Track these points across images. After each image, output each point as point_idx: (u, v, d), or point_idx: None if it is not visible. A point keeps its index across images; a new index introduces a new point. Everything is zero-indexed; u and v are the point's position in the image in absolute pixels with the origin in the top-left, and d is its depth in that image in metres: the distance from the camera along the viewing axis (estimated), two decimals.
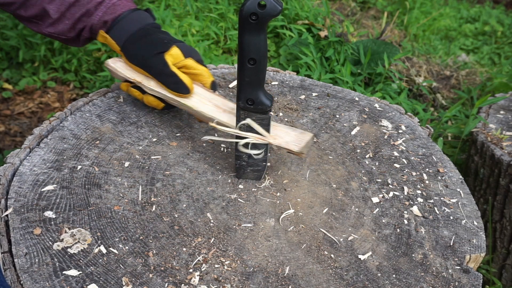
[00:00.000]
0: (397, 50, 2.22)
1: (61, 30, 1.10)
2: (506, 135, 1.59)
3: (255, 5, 0.82)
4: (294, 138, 0.97)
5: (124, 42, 1.07)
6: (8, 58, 2.37)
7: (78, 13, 1.07)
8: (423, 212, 1.00)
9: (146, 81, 1.07)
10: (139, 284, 0.78)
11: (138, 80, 1.07)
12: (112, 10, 1.07)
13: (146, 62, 1.05)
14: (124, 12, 1.08)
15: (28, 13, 1.08)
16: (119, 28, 1.07)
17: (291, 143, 0.97)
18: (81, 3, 1.07)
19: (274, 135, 0.98)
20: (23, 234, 0.83)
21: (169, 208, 0.93)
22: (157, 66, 1.04)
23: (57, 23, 1.09)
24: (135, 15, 1.09)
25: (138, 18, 1.09)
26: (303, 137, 0.98)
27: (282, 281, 0.82)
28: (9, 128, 2.11)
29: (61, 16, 1.08)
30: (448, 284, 0.86)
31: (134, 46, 1.06)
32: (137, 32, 1.06)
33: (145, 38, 1.06)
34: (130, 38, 1.06)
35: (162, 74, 1.04)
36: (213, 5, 2.29)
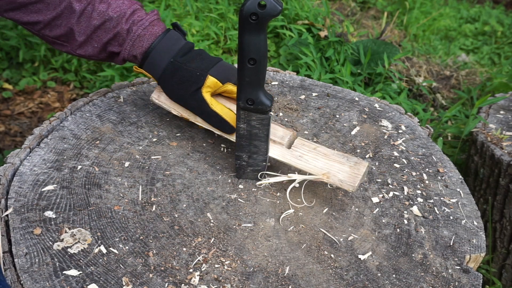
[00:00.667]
0: (397, 50, 2.22)
1: (91, 53, 1.05)
2: (506, 135, 1.59)
3: (255, 5, 0.82)
4: (348, 175, 0.94)
5: (160, 76, 1.02)
6: (8, 58, 2.37)
7: (105, 38, 1.02)
8: (423, 212, 1.00)
9: (193, 117, 1.04)
10: (139, 284, 0.78)
11: (185, 116, 1.05)
12: (139, 42, 1.02)
13: (185, 102, 1.02)
14: (151, 44, 1.01)
15: (53, 33, 1.03)
16: (150, 62, 1.02)
17: (345, 182, 0.93)
18: (107, 26, 1.01)
19: (327, 172, 0.94)
20: (23, 234, 0.83)
21: (169, 208, 0.93)
22: (197, 107, 1.01)
23: (85, 46, 1.04)
24: (164, 44, 1.02)
25: (167, 47, 1.02)
26: (358, 170, 0.94)
27: (282, 281, 0.82)
28: (9, 128, 2.11)
29: (88, 38, 1.03)
30: (448, 284, 0.86)
31: (168, 85, 1.02)
32: (168, 68, 1.01)
33: (176, 75, 1.01)
34: (163, 75, 1.02)
35: (204, 113, 1.01)
36: (213, 5, 2.29)
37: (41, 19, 1.02)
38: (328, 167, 0.95)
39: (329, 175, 0.94)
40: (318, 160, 0.96)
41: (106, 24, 1.01)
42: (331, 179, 0.94)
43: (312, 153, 0.98)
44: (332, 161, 0.96)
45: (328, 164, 0.96)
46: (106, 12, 1.01)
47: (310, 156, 0.97)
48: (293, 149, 0.98)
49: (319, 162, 0.96)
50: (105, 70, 2.17)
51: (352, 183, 0.93)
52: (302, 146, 0.99)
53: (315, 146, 0.98)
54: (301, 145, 0.99)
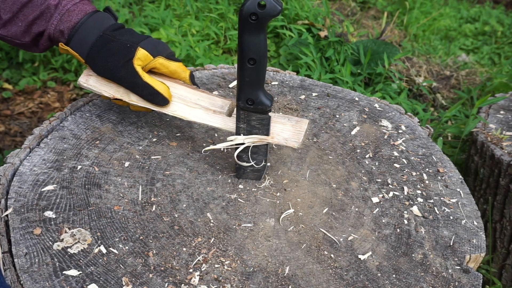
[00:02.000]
0: (397, 50, 2.22)
1: (14, 33, 1.01)
2: (506, 135, 1.59)
3: (255, 5, 0.82)
4: (291, 133, 0.96)
5: (87, 55, 0.99)
6: (8, 58, 2.37)
7: (32, 15, 0.98)
8: (423, 212, 1.00)
9: (126, 95, 1.01)
10: (139, 284, 0.78)
11: (118, 96, 1.02)
12: (67, 17, 0.98)
13: (115, 75, 0.98)
14: (79, 19, 0.99)
15: None
16: (78, 38, 0.99)
17: (290, 140, 0.96)
18: (34, 3, 0.98)
19: (271, 133, 0.97)
20: (23, 234, 0.83)
21: (169, 208, 0.93)
22: (128, 78, 0.97)
23: (10, 25, 1.00)
24: (93, 21, 0.99)
25: (96, 23, 0.99)
26: (300, 127, 0.97)
27: (282, 281, 0.82)
28: (9, 128, 2.11)
29: (13, 16, 0.99)
30: (448, 284, 0.86)
31: (97, 59, 0.98)
32: (97, 42, 0.98)
33: (107, 47, 0.97)
34: (92, 49, 0.98)
35: (135, 86, 0.98)
36: (213, 5, 2.29)
37: None
38: (272, 129, 0.97)
39: (274, 135, 0.96)
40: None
41: (33, 1, 0.98)
42: (275, 139, 0.96)
43: None
44: (274, 122, 0.97)
45: (272, 123, 0.97)
46: None
47: None
48: (234, 116, 0.99)
49: None
50: None
51: (297, 139, 0.96)
52: None
53: None
54: None
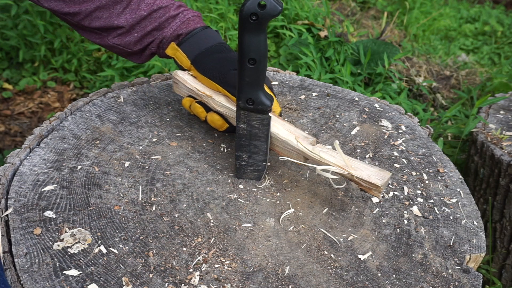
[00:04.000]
0: (397, 50, 2.22)
1: (127, 42, 1.06)
2: (506, 135, 1.59)
3: (255, 5, 0.82)
4: (374, 173, 0.90)
5: (196, 56, 1.04)
6: (8, 58, 2.37)
7: (150, 27, 1.04)
8: (423, 212, 1.00)
9: (216, 96, 1.02)
10: (139, 284, 0.78)
11: (208, 94, 1.02)
12: (186, 24, 1.05)
13: (222, 76, 1.01)
14: (198, 27, 1.06)
15: (93, 25, 1.03)
16: (192, 42, 1.04)
17: (373, 177, 0.89)
18: (153, 16, 1.03)
19: (354, 166, 0.91)
20: (23, 234, 0.83)
21: (169, 208, 0.93)
22: (235, 81, 0.99)
23: (125, 35, 1.05)
24: (209, 32, 1.06)
25: (211, 35, 1.06)
26: (383, 174, 0.91)
27: (282, 281, 0.82)
28: (9, 128, 2.11)
29: (131, 28, 1.04)
30: (448, 284, 0.86)
31: (209, 60, 1.03)
32: (212, 47, 1.04)
33: (221, 54, 1.03)
34: (205, 52, 1.03)
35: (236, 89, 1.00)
36: (213, 5, 2.29)
37: (83, 9, 1.01)
38: (355, 164, 0.92)
39: (357, 169, 0.90)
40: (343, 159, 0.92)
41: (153, 14, 1.04)
42: (358, 172, 0.90)
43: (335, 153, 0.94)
44: (357, 162, 0.92)
45: (355, 162, 0.92)
46: (154, 3, 1.03)
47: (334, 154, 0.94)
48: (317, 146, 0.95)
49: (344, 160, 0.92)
50: (105, 70, 2.17)
51: (380, 178, 0.89)
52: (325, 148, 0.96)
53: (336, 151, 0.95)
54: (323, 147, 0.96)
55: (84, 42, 2.27)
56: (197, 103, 1.05)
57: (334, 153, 0.93)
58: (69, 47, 2.30)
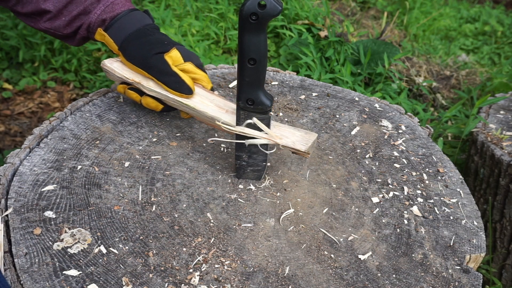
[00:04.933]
0: (397, 50, 2.22)
1: (57, 26, 1.09)
2: (506, 135, 1.59)
3: (255, 5, 0.82)
4: (299, 138, 0.97)
5: (122, 42, 1.06)
6: (8, 58, 2.37)
7: (76, 11, 1.07)
8: (423, 212, 1.00)
9: (145, 81, 1.06)
10: (139, 284, 0.78)
11: (137, 80, 1.06)
12: (111, 8, 1.06)
13: (145, 62, 1.04)
14: (123, 11, 1.07)
15: (25, 9, 1.08)
16: (117, 27, 1.06)
17: (297, 143, 0.96)
18: (79, 0, 1.06)
19: (280, 135, 0.97)
20: (23, 234, 0.83)
21: (169, 208, 0.93)
22: (158, 66, 1.03)
23: (54, 19, 1.08)
24: (134, 15, 1.08)
25: (136, 18, 1.08)
26: (309, 137, 0.97)
27: (282, 281, 0.82)
28: (9, 128, 2.11)
29: (58, 12, 1.07)
30: (448, 284, 0.86)
31: (133, 46, 1.05)
32: (136, 32, 1.06)
33: (145, 38, 1.05)
34: (129, 37, 1.05)
35: (163, 73, 1.02)
36: (213, 5, 2.29)
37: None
38: (281, 133, 0.97)
39: (282, 137, 0.96)
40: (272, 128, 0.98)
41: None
42: (283, 140, 0.96)
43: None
44: (283, 130, 0.98)
45: (281, 130, 0.98)
46: None
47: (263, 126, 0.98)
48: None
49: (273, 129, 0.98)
50: None
51: (305, 143, 0.96)
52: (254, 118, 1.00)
53: None
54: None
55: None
56: (130, 89, 1.08)
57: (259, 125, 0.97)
58: (69, 47, 2.30)
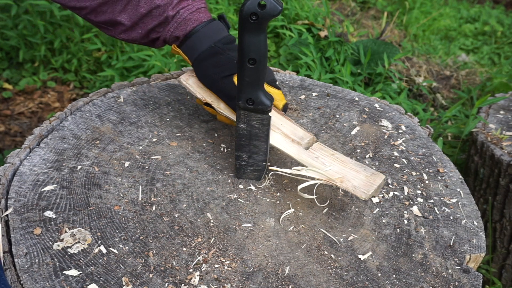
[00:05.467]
0: (397, 50, 2.22)
1: (134, 37, 1.08)
2: (506, 135, 1.59)
3: (255, 5, 0.82)
4: (363, 183, 0.91)
5: (194, 60, 1.04)
6: (8, 58, 2.37)
7: (151, 25, 1.05)
8: (423, 212, 1.00)
9: (216, 102, 1.03)
10: (139, 284, 0.78)
11: (209, 101, 1.03)
12: (183, 25, 1.04)
13: (214, 85, 1.02)
14: (195, 27, 1.04)
15: (98, 19, 1.06)
16: (190, 44, 1.04)
17: (358, 189, 0.91)
18: (153, 14, 1.04)
19: (341, 177, 0.92)
20: (23, 234, 0.83)
21: (169, 208, 0.93)
22: (226, 90, 1.00)
23: (130, 31, 1.07)
24: (207, 30, 1.04)
25: (209, 33, 1.04)
26: (374, 180, 0.92)
27: (282, 281, 0.82)
28: (9, 128, 2.11)
29: (134, 25, 1.05)
30: (448, 284, 0.86)
31: (203, 66, 1.03)
32: (206, 51, 1.02)
33: (214, 58, 1.02)
34: (200, 56, 1.03)
35: (231, 98, 1.00)
36: (213, 5, 2.29)
37: (88, 5, 1.05)
38: (343, 172, 0.93)
39: (343, 179, 0.92)
40: (334, 165, 0.95)
41: (152, 12, 1.04)
42: (344, 184, 0.92)
43: (329, 157, 0.96)
44: (348, 168, 0.94)
45: (344, 170, 0.94)
46: (153, 0, 1.03)
47: (326, 159, 0.96)
48: (311, 151, 0.97)
49: (335, 166, 0.95)
50: (105, 70, 2.17)
51: (366, 190, 0.91)
52: (320, 150, 0.98)
53: (333, 153, 0.98)
54: (319, 149, 0.98)
55: (84, 42, 2.27)
56: (206, 104, 1.06)
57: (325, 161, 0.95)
58: (69, 47, 2.30)
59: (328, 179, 0.92)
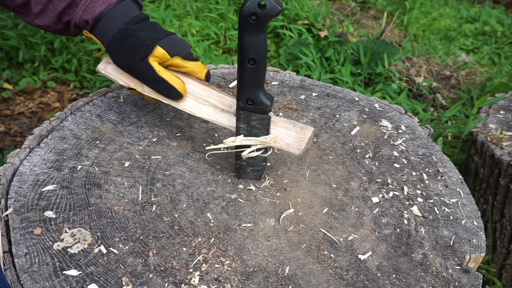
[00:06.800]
0: (397, 50, 2.22)
1: (47, 23, 1.05)
2: (506, 135, 1.59)
3: (255, 5, 0.82)
4: (294, 139, 0.96)
5: (107, 45, 1.01)
6: (8, 58, 2.37)
7: (60, 6, 1.02)
8: (423, 212, 1.00)
9: (140, 86, 1.03)
10: (139, 284, 0.78)
11: (132, 86, 1.04)
12: (92, 8, 1.01)
13: (132, 69, 1.01)
14: (104, 9, 1.01)
15: (14, 2, 1.05)
16: (101, 28, 1.01)
17: (292, 146, 0.96)
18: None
19: (274, 137, 0.96)
20: (23, 234, 0.83)
21: (169, 208, 0.93)
22: (144, 73, 0.99)
23: (42, 16, 1.05)
24: (117, 11, 1.01)
25: (119, 14, 1.01)
26: (304, 134, 0.96)
27: (282, 281, 0.82)
28: (9, 128, 2.11)
29: (44, 8, 1.03)
30: (448, 284, 0.86)
31: (117, 51, 1.01)
32: (118, 34, 1.00)
33: (126, 41, 1.00)
34: (113, 40, 1.00)
35: (150, 80, 1.00)
36: (213, 5, 2.29)
37: None
38: (275, 133, 0.97)
39: (276, 139, 0.96)
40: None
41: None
42: (278, 143, 0.96)
43: None
44: (279, 127, 0.98)
45: (275, 130, 0.97)
46: None
47: None
48: None
49: None
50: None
51: (299, 146, 0.95)
52: None
53: None
54: None
55: (84, 42, 2.27)
56: (130, 88, 1.06)
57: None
58: (69, 47, 2.30)
59: (263, 142, 0.96)
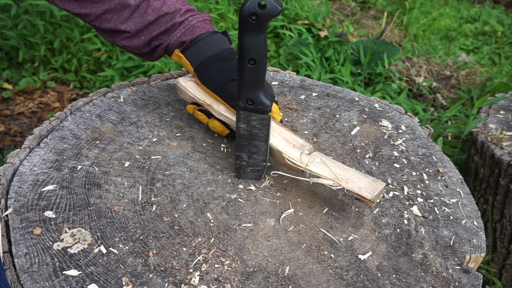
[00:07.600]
0: (397, 50, 2.22)
1: (135, 45, 1.09)
2: (506, 135, 1.59)
3: (255, 5, 0.82)
4: (366, 185, 0.92)
5: (199, 64, 1.05)
6: (8, 58, 2.37)
7: (156, 31, 1.06)
8: (423, 212, 1.00)
9: (216, 104, 1.04)
10: (139, 284, 0.78)
11: (208, 102, 1.04)
12: (191, 31, 1.06)
13: (221, 87, 1.03)
14: (202, 34, 1.06)
15: (103, 26, 1.07)
16: (195, 49, 1.05)
17: (364, 189, 0.91)
18: (160, 22, 1.05)
19: (346, 179, 0.93)
20: (23, 234, 0.83)
21: (169, 208, 0.93)
22: (232, 93, 1.00)
23: (133, 38, 1.08)
24: (213, 39, 1.07)
25: (215, 42, 1.06)
26: (376, 185, 0.92)
27: (282, 281, 0.82)
28: (9, 128, 2.11)
29: (138, 32, 1.07)
30: (448, 284, 0.86)
31: (210, 69, 1.04)
32: (214, 56, 1.05)
33: (222, 63, 1.04)
34: (207, 61, 1.04)
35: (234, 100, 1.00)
36: (213, 5, 2.29)
37: (92, 11, 1.06)
38: (347, 176, 0.93)
39: (348, 181, 0.92)
40: (338, 169, 0.95)
41: (160, 19, 1.06)
42: (349, 184, 0.92)
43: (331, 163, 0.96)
44: (350, 173, 0.94)
45: (348, 173, 0.94)
46: (161, 8, 1.05)
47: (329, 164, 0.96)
48: (312, 156, 0.97)
49: (338, 170, 0.94)
50: (105, 70, 2.17)
51: (371, 191, 0.91)
52: (320, 156, 0.98)
53: (333, 161, 0.97)
54: (319, 155, 0.98)
55: (84, 42, 2.27)
56: (199, 110, 1.08)
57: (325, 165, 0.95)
58: (69, 47, 2.30)
59: (335, 178, 0.92)
